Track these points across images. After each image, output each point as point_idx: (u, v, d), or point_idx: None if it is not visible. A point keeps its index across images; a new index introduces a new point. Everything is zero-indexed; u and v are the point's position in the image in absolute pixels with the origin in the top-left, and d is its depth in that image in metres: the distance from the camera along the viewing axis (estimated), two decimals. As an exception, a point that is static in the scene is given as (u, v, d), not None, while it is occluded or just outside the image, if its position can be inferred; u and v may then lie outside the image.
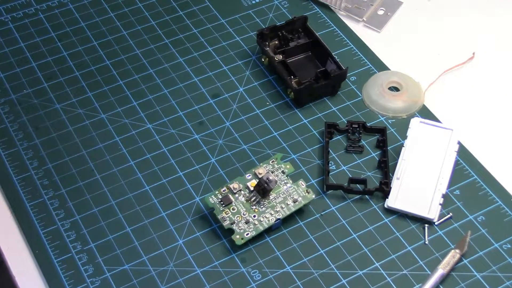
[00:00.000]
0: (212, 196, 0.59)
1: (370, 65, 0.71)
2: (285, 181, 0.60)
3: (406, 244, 0.59)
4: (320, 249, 0.59)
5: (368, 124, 0.66)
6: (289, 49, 0.70)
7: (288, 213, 0.59)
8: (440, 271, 0.57)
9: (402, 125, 0.66)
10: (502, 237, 0.59)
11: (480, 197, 0.62)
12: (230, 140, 0.65)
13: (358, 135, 0.65)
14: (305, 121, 0.67)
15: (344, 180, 0.62)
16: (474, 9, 0.77)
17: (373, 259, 0.58)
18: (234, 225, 0.58)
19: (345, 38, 0.74)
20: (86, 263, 0.58)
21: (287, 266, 0.58)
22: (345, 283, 0.57)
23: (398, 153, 0.64)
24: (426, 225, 0.60)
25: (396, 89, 0.69)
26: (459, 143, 0.64)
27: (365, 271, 0.58)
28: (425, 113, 0.68)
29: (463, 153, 0.64)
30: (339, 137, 0.66)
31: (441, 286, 0.57)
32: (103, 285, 0.57)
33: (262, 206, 0.59)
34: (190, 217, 0.61)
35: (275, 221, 0.59)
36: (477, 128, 0.67)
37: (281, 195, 0.60)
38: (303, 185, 0.60)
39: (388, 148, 0.64)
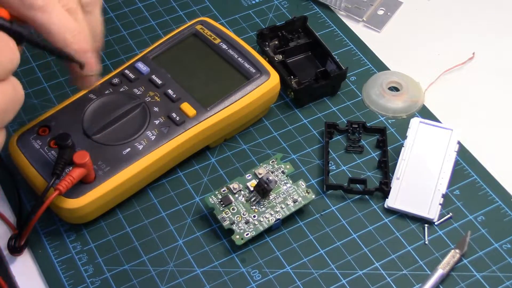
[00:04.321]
0: (212, 196, 0.59)
1: (370, 65, 0.71)
2: (285, 181, 0.61)
3: (406, 244, 0.59)
4: (320, 249, 0.59)
5: (368, 124, 0.66)
6: (289, 49, 0.70)
7: (288, 213, 0.59)
8: (440, 271, 0.57)
9: (402, 125, 0.66)
10: (502, 237, 0.59)
11: (480, 197, 0.62)
12: (230, 140, 0.65)
13: (358, 135, 0.65)
14: (305, 121, 0.67)
15: (344, 180, 0.62)
16: (474, 9, 0.77)
17: (373, 259, 0.58)
18: (234, 225, 0.58)
19: (345, 38, 0.74)
20: (86, 263, 0.58)
21: (287, 266, 0.58)
22: (345, 283, 0.57)
23: (398, 153, 0.64)
24: (426, 225, 0.60)
25: (396, 89, 0.69)
26: (459, 143, 0.64)
27: (365, 271, 0.58)
28: (425, 113, 0.68)
29: (463, 153, 0.64)
30: (339, 137, 0.66)
31: (441, 286, 0.57)
32: (103, 285, 0.57)
33: (262, 206, 0.59)
34: (190, 217, 0.61)
35: (275, 221, 0.59)
36: (477, 128, 0.67)
37: (281, 195, 0.60)
38: (303, 185, 0.60)
39: (388, 148, 0.64)
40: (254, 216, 0.59)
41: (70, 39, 0.50)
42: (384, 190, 0.61)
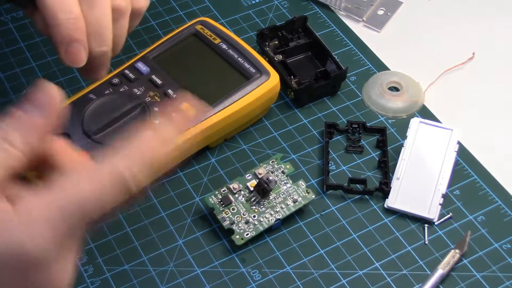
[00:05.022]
0: (212, 196, 0.59)
1: (370, 65, 0.71)
2: (285, 181, 0.60)
3: (406, 244, 0.59)
4: (320, 249, 0.59)
5: (368, 124, 0.66)
6: (289, 49, 0.70)
7: (288, 213, 0.59)
8: (440, 271, 0.57)
9: (402, 125, 0.66)
10: (502, 237, 0.59)
11: (480, 197, 0.62)
12: (230, 140, 0.65)
13: (358, 135, 0.65)
14: (305, 121, 0.67)
15: (344, 180, 0.62)
16: (474, 9, 0.77)
17: (373, 259, 0.58)
18: (234, 225, 0.58)
19: (345, 38, 0.74)
20: (86, 263, 0.58)
21: (287, 266, 0.58)
22: (345, 283, 0.57)
23: (398, 153, 0.64)
24: (426, 225, 0.60)
25: (396, 89, 0.69)
26: (459, 143, 0.64)
27: (365, 271, 0.58)
28: (425, 113, 0.68)
29: (463, 153, 0.64)
30: (339, 137, 0.66)
31: (441, 286, 0.57)
32: (103, 285, 0.57)
33: (262, 206, 0.59)
34: (190, 217, 0.61)
35: (275, 221, 0.59)
36: (477, 128, 0.67)
37: (281, 195, 0.60)
38: (303, 185, 0.60)
39: (388, 148, 0.64)
40: (254, 216, 0.59)
41: (62, 20, 0.48)
42: (384, 190, 0.61)
